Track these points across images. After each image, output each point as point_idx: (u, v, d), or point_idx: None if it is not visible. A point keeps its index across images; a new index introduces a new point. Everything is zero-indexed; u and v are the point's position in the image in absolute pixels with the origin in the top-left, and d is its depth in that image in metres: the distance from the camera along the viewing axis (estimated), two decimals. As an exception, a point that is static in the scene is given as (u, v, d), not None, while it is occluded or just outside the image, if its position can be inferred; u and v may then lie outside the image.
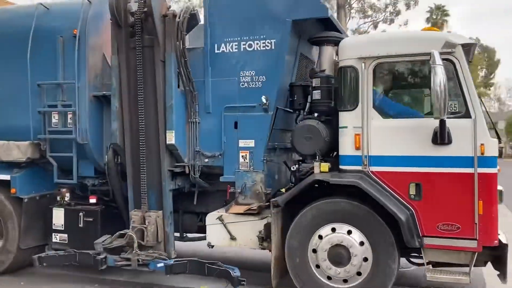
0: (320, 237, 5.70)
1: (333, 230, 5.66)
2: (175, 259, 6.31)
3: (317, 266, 5.74)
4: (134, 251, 6.36)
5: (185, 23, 6.33)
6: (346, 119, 5.74)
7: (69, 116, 6.99)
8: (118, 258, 6.46)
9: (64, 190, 7.32)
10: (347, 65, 5.73)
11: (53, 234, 7.25)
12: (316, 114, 6.33)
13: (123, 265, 6.46)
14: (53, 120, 7.07)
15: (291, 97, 6.50)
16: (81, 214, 7.08)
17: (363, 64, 5.61)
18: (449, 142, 5.25)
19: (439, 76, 4.93)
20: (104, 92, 6.94)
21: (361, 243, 5.54)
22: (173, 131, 6.39)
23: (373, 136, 5.57)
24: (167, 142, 6.42)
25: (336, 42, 6.28)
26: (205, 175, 6.72)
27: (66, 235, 7.19)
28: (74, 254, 6.66)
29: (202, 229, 6.81)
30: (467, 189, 5.24)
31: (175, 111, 6.41)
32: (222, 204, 6.84)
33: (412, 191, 5.43)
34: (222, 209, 6.55)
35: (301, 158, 6.34)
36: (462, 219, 5.28)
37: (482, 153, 5.19)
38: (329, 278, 5.68)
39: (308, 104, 6.32)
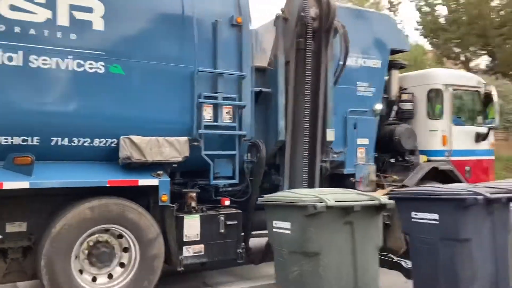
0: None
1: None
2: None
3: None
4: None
5: (348, 38, 7.19)
6: (436, 125, 8.31)
7: (225, 110, 6.36)
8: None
9: (194, 194, 6.40)
10: (435, 88, 8.33)
11: (184, 247, 6.23)
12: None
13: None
14: (205, 114, 6.21)
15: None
16: (222, 218, 6.47)
17: (446, 88, 8.34)
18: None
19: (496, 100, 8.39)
20: (262, 88, 6.74)
21: None
22: (333, 129, 7.13)
23: (453, 136, 8.38)
24: (328, 139, 7.06)
25: (399, 67, 8.70)
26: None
27: (202, 246, 6.34)
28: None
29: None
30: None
31: (333, 112, 7.19)
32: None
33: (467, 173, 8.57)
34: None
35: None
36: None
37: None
38: None
39: (393, 113, 8.41)
